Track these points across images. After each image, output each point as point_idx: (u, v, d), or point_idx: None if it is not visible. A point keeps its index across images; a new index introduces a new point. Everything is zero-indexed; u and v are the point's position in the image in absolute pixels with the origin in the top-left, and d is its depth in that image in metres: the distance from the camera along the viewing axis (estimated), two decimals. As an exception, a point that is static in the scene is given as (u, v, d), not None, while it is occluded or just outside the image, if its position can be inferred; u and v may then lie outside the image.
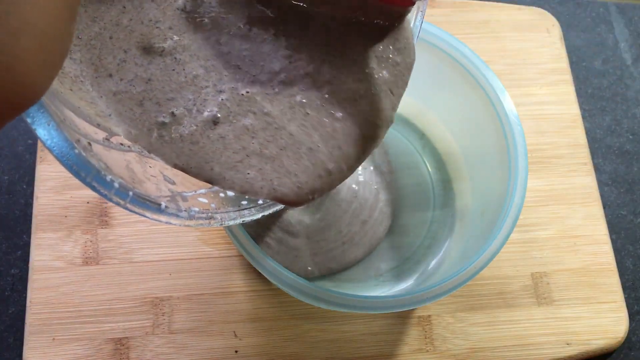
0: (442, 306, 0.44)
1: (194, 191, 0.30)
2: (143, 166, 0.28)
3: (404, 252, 0.46)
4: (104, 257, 0.44)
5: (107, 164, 0.25)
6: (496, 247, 0.37)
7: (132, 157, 0.27)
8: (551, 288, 0.45)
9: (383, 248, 0.45)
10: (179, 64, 0.26)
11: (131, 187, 0.26)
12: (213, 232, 0.45)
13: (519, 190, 0.39)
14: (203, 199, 0.30)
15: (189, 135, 0.25)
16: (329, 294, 0.35)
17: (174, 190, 0.29)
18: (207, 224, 0.29)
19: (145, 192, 0.26)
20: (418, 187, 0.48)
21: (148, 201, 0.26)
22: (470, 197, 0.46)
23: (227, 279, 0.44)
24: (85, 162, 0.24)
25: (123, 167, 0.27)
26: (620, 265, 0.47)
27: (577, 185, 0.48)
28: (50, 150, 0.23)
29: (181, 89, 0.25)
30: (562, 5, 0.57)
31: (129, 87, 0.25)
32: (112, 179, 0.25)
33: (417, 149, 0.49)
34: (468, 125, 0.46)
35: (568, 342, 0.44)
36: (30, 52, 0.16)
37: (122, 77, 0.25)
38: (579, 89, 0.53)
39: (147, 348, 0.41)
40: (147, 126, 0.25)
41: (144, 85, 0.25)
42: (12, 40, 0.15)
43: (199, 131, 0.25)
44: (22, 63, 0.16)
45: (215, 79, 0.26)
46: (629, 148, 0.52)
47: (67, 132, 0.23)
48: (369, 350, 0.42)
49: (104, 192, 0.25)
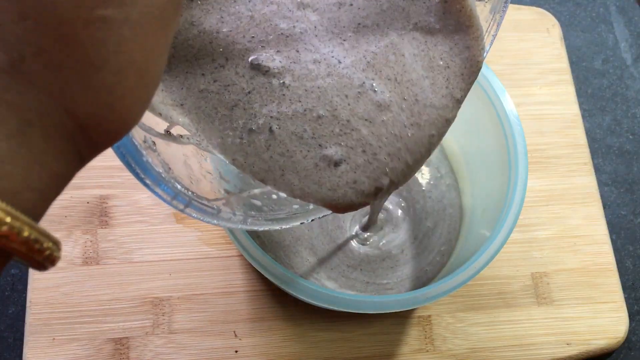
0: (442, 306, 0.44)
1: (248, 192, 0.30)
2: (199, 160, 0.29)
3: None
4: (103, 257, 0.44)
5: (168, 162, 0.26)
6: (496, 247, 0.37)
7: (190, 151, 0.28)
8: (551, 288, 0.45)
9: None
10: (282, 87, 0.26)
11: (190, 192, 0.26)
12: (213, 232, 0.45)
13: (519, 190, 0.39)
14: (256, 200, 0.30)
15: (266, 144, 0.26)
16: (329, 293, 0.35)
17: (230, 190, 0.30)
18: (259, 227, 0.29)
19: (201, 193, 0.27)
20: (418, 187, 0.48)
21: (205, 206, 0.27)
22: (470, 197, 0.46)
23: (227, 279, 0.44)
24: (151, 169, 0.25)
25: (181, 163, 0.27)
26: (620, 265, 0.47)
27: (577, 185, 0.48)
28: (120, 158, 0.24)
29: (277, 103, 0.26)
30: (562, 5, 0.57)
31: (222, 90, 0.25)
32: (173, 185, 0.26)
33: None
34: (468, 125, 0.46)
35: (568, 342, 0.44)
36: (133, 90, 0.16)
37: (216, 79, 0.25)
38: (579, 89, 0.53)
39: (147, 348, 0.41)
40: (230, 127, 0.26)
41: (241, 95, 0.26)
42: (118, 79, 0.15)
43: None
44: (125, 101, 0.16)
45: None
46: (629, 148, 0.52)
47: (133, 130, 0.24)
48: (369, 350, 0.42)
49: (167, 199, 0.26)
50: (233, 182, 0.32)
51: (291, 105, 0.26)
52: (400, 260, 0.44)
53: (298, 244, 0.44)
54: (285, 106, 0.26)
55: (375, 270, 0.44)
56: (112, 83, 0.15)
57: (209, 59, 0.25)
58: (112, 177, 0.45)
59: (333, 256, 0.44)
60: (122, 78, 0.15)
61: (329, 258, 0.44)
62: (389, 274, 0.44)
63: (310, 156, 0.26)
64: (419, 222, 0.45)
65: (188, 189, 0.27)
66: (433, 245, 0.45)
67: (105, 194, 0.45)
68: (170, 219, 0.45)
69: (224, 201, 0.29)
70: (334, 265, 0.43)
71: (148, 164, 0.25)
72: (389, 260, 0.44)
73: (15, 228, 0.14)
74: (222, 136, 0.26)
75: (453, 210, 0.46)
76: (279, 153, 0.26)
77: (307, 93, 0.26)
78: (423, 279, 0.44)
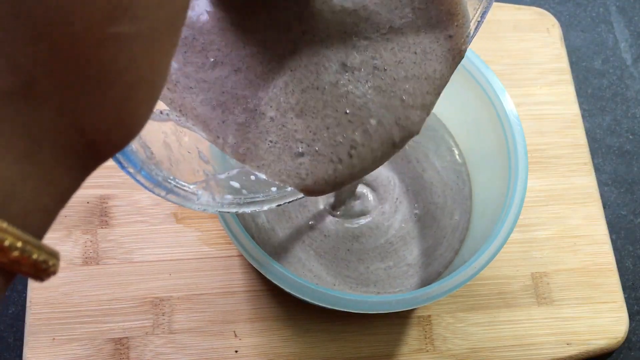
0: (442, 306, 0.44)
1: (227, 173, 0.31)
2: (178, 138, 0.29)
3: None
4: (103, 257, 0.44)
5: (149, 144, 0.27)
6: (496, 247, 0.37)
7: (169, 128, 0.29)
8: (551, 288, 0.45)
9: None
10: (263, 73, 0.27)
11: (171, 179, 0.27)
12: (213, 232, 0.45)
13: (519, 190, 0.39)
14: (235, 182, 0.31)
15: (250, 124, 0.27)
16: (329, 293, 0.35)
17: (209, 173, 0.30)
18: (238, 210, 0.30)
19: (181, 176, 0.28)
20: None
21: (186, 191, 0.28)
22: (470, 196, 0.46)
23: (227, 279, 0.44)
24: (133, 154, 0.25)
25: (161, 143, 0.28)
26: (620, 265, 0.47)
27: (577, 185, 0.48)
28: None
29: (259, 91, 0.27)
30: (562, 5, 0.57)
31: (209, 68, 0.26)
32: (155, 173, 0.26)
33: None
34: (468, 125, 0.46)
35: (568, 342, 0.44)
36: (142, 104, 0.16)
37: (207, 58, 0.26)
38: (579, 89, 0.53)
39: (147, 348, 0.41)
40: (211, 104, 0.26)
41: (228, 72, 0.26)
42: (129, 95, 0.15)
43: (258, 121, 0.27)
44: (134, 115, 0.16)
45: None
46: (629, 148, 0.52)
47: None
48: (369, 350, 0.42)
49: (149, 187, 0.26)
50: (212, 163, 0.32)
51: (269, 92, 0.26)
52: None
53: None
54: (264, 93, 0.26)
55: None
56: (123, 99, 0.15)
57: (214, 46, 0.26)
58: (112, 177, 0.45)
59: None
60: (132, 94, 0.15)
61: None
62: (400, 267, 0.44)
63: (281, 141, 0.27)
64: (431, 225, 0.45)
65: (168, 178, 0.27)
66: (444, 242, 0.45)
67: (105, 194, 0.45)
68: (170, 219, 0.45)
69: (204, 185, 0.29)
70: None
71: (131, 151, 0.25)
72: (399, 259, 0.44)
73: (26, 252, 0.14)
74: (203, 110, 0.26)
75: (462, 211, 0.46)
76: (256, 134, 0.26)
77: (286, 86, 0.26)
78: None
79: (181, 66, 0.26)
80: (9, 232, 0.14)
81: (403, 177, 0.46)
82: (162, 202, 0.46)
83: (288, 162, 0.27)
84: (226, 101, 0.26)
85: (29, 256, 0.14)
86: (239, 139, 0.26)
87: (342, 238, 0.44)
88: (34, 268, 0.15)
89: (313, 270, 0.43)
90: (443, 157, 0.47)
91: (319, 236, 0.44)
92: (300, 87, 0.27)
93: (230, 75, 0.26)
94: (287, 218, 0.44)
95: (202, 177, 0.31)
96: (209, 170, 0.31)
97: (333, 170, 0.27)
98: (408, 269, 0.43)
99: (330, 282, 0.43)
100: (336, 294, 0.35)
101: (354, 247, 0.44)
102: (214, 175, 0.31)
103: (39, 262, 0.15)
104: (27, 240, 0.14)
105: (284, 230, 0.44)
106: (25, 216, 0.15)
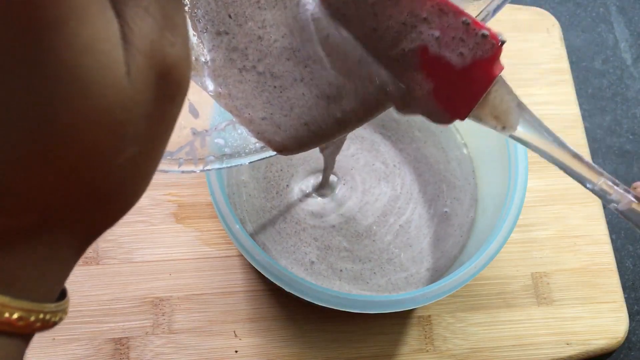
0: (442, 306, 0.44)
1: (214, 128, 0.31)
2: None
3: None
4: (104, 257, 0.44)
5: None
6: (496, 247, 0.37)
7: None
8: (551, 288, 0.45)
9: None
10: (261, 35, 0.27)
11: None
12: (213, 232, 0.45)
13: (519, 190, 0.39)
14: (220, 139, 0.31)
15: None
16: (329, 293, 0.35)
17: (195, 130, 0.31)
18: (218, 166, 0.31)
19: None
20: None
21: (171, 160, 0.29)
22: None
23: (227, 279, 0.44)
24: None
25: None
26: (620, 265, 0.47)
27: (577, 185, 0.48)
28: None
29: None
30: (562, 5, 0.57)
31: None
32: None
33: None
34: (468, 125, 0.46)
35: (568, 342, 0.44)
36: (137, 199, 0.18)
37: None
38: (579, 89, 0.53)
39: (147, 348, 0.41)
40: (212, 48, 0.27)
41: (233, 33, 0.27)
42: (132, 201, 0.18)
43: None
44: (129, 207, 0.18)
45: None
46: (629, 148, 0.52)
47: None
48: (369, 350, 0.42)
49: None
50: (201, 117, 0.33)
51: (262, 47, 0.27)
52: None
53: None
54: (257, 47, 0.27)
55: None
56: (125, 206, 0.18)
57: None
58: (112, 177, 0.45)
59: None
60: (134, 199, 0.18)
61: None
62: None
63: (262, 96, 0.27)
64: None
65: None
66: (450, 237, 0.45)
67: (105, 194, 0.45)
68: (170, 219, 0.45)
69: (188, 149, 0.30)
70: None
71: None
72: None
73: (50, 322, 0.17)
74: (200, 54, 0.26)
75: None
76: (251, 87, 0.27)
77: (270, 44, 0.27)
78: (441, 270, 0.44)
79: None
80: (12, 307, 0.16)
81: (412, 164, 0.46)
82: (162, 202, 0.46)
83: (273, 119, 0.27)
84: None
85: (52, 323, 0.17)
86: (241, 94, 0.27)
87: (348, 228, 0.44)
88: (52, 326, 0.17)
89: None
90: (453, 150, 0.47)
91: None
92: (286, 57, 0.27)
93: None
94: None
95: (186, 137, 0.31)
96: (195, 128, 0.32)
97: (305, 131, 0.27)
98: (415, 256, 0.44)
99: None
100: (336, 294, 0.35)
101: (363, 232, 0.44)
102: (200, 133, 0.31)
103: (57, 322, 0.18)
104: (54, 311, 0.17)
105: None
106: (50, 294, 0.17)
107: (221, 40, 0.27)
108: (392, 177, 0.46)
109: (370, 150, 0.47)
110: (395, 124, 0.48)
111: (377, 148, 0.47)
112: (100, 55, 0.14)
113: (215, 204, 0.37)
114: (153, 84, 0.16)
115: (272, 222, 0.44)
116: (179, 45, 0.16)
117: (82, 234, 0.17)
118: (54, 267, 0.17)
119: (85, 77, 0.14)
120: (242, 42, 0.26)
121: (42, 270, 0.17)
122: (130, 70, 0.15)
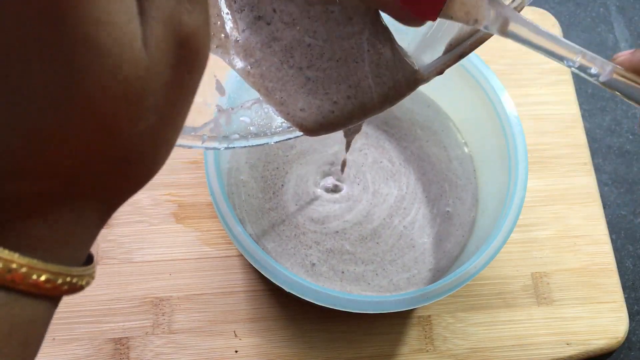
0: (442, 306, 0.44)
1: (240, 106, 0.31)
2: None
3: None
4: (104, 257, 0.44)
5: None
6: (496, 247, 0.37)
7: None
8: (551, 288, 0.45)
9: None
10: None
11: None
12: (213, 232, 0.45)
13: (519, 190, 0.39)
14: (245, 117, 0.31)
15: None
16: (329, 293, 0.35)
17: (221, 107, 0.31)
18: (244, 144, 0.31)
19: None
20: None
21: (193, 134, 0.29)
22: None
23: (227, 279, 0.44)
24: None
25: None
26: (620, 265, 0.47)
27: (577, 185, 0.48)
28: None
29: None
30: (562, 5, 0.57)
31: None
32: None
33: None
34: (468, 125, 0.46)
35: (568, 342, 0.44)
36: (159, 167, 0.18)
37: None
38: (579, 89, 0.53)
39: (147, 348, 0.41)
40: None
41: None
42: (154, 171, 0.18)
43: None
44: (153, 175, 0.18)
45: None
46: (629, 148, 0.52)
47: None
48: (369, 350, 0.42)
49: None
50: (227, 94, 0.33)
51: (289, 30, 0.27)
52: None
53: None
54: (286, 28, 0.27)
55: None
56: (147, 173, 0.18)
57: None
58: (112, 177, 0.45)
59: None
60: (156, 167, 0.18)
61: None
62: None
63: (294, 77, 0.27)
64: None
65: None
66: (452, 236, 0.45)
67: (105, 194, 0.45)
68: (170, 219, 0.45)
69: (212, 125, 0.30)
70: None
71: None
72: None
73: (77, 285, 0.18)
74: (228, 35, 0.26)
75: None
76: (291, 78, 0.27)
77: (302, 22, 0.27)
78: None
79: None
80: (39, 269, 0.17)
81: (416, 163, 0.46)
82: (162, 202, 0.46)
83: (299, 102, 0.27)
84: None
85: (84, 284, 0.18)
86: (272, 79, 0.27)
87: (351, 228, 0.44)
88: (70, 290, 0.18)
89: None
90: (454, 149, 0.47)
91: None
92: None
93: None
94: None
95: (211, 114, 0.31)
96: (221, 105, 0.32)
97: (330, 112, 0.27)
98: (418, 256, 0.44)
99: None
100: (336, 294, 0.35)
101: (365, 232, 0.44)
102: (226, 110, 0.31)
103: (85, 285, 0.18)
104: (57, 272, 0.17)
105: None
106: (59, 252, 0.17)
107: (260, 27, 0.27)
108: (398, 176, 0.46)
109: (376, 147, 0.47)
110: (398, 121, 0.48)
111: (383, 145, 0.47)
112: (115, 27, 0.14)
113: (215, 204, 0.37)
114: (171, 53, 0.16)
115: (272, 224, 0.44)
116: (197, 12, 0.16)
117: (106, 200, 0.18)
118: (79, 232, 0.17)
119: (101, 49, 0.14)
120: (286, 39, 0.26)
121: (68, 235, 0.17)
122: (147, 41, 0.15)
